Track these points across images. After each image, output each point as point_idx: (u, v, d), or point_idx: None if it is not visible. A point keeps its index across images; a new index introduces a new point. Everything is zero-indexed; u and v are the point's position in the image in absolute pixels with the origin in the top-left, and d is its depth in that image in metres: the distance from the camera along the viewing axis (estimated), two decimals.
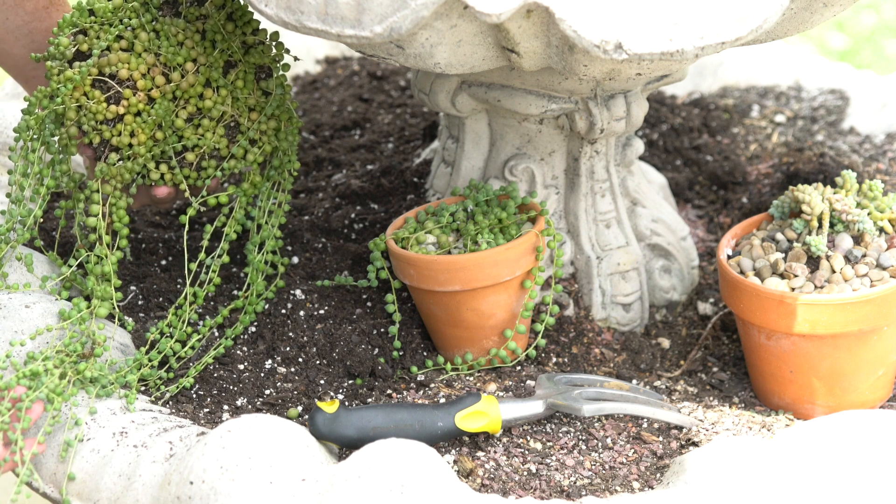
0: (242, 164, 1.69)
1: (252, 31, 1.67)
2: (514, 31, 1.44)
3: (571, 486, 1.49)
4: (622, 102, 1.71)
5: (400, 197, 1.94)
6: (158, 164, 1.67)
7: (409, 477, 1.32)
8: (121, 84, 1.63)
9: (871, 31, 3.94)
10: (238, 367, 1.65)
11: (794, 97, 2.31)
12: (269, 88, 1.69)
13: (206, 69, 1.64)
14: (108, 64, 1.63)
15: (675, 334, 1.82)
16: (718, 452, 1.40)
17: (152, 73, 1.63)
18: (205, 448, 1.38)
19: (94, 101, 1.62)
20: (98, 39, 1.64)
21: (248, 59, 1.67)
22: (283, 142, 1.72)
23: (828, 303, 1.58)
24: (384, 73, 2.36)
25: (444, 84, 1.75)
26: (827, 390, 1.64)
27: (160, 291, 1.77)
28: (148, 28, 1.64)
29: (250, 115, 1.68)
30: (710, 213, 2.02)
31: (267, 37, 1.69)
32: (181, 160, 1.67)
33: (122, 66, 1.62)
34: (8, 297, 1.63)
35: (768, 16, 1.42)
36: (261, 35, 1.68)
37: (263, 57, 1.68)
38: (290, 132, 1.72)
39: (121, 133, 1.63)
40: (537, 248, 1.66)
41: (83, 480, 1.45)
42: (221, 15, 1.65)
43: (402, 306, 1.74)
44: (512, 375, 1.66)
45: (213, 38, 1.65)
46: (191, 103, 1.65)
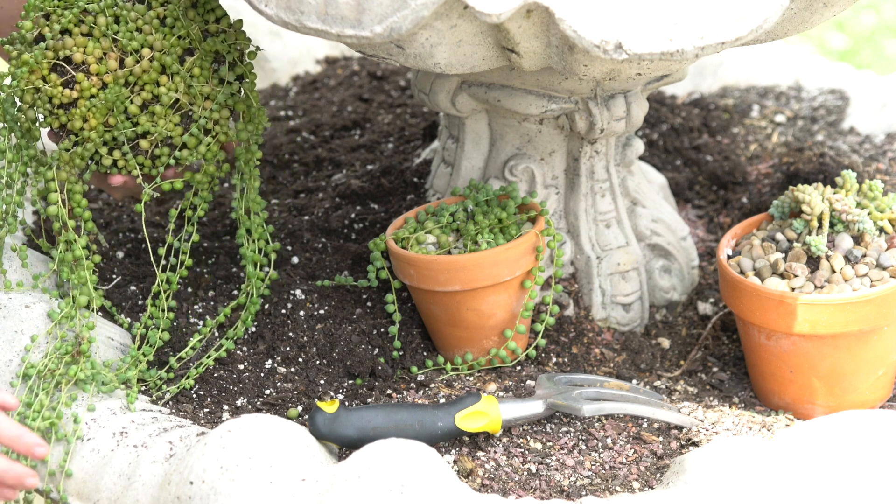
0: (195, 154, 1.65)
1: (215, 18, 1.64)
2: (514, 31, 1.44)
3: (571, 486, 1.49)
4: (622, 102, 1.71)
5: (400, 197, 1.94)
6: (112, 150, 1.64)
7: (409, 477, 1.32)
8: (76, 68, 1.61)
9: (871, 31, 3.94)
10: (238, 367, 1.65)
11: (794, 97, 2.31)
12: (224, 76, 1.65)
13: (161, 55, 1.61)
14: (63, 47, 1.60)
15: (675, 334, 1.82)
16: (718, 452, 1.40)
17: (108, 58, 1.60)
18: (205, 448, 1.38)
19: (51, 84, 1.61)
20: (57, 23, 1.62)
21: (206, 47, 1.64)
22: (243, 132, 1.67)
23: (828, 303, 1.58)
24: (384, 73, 2.36)
25: (444, 84, 1.75)
26: (827, 390, 1.64)
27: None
28: (108, 13, 1.61)
29: (204, 103, 1.65)
30: (710, 213, 2.02)
31: (230, 24, 1.66)
32: (135, 147, 1.64)
33: (77, 50, 1.60)
34: (8, 297, 1.63)
35: (768, 16, 1.42)
36: (223, 23, 1.65)
37: (222, 44, 1.64)
38: (251, 123, 1.68)
39: (74, 118, 1.61)
40: (537, 248, 1.66)
41: (83, 480, 1.45)
42: (185, 1, 1.62)
43: (402, 306, 1.74)
44: (512, 375, 1.66)
45: (172, 25, 1.63)
46: (146, 90, 1.62)
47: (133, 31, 1.61)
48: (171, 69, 1.62)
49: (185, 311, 1.74)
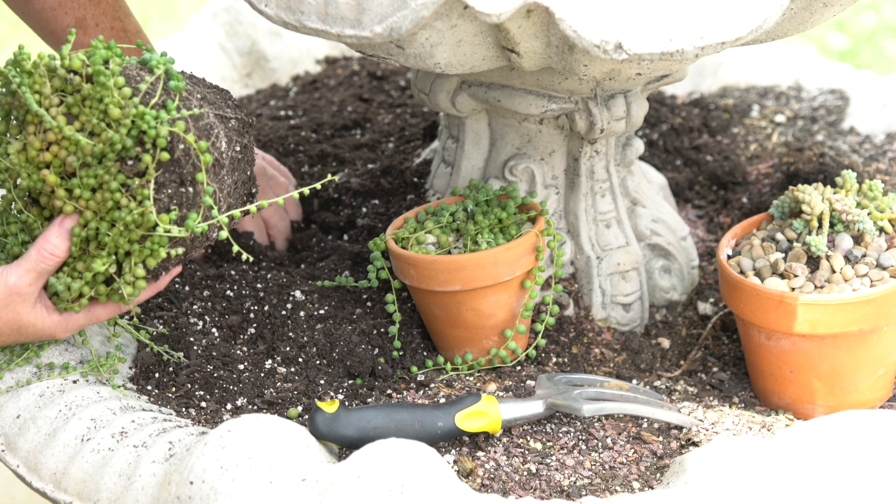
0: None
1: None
2: (514, 31, 1.44)
3: (571, 486, 1.49)
4: (622, 102, 1.71)
5: (400, 197, 1.94)
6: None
7: (409, 477, 1.32)
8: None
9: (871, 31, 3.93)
10: (238, 367, 1.65)
11: (794, 97, 2.31)
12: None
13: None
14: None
15: (675, 334, 1.82)
16: (718, 452, 1.40)
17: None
18: (205, 448, 1.38)
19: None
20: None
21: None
22: None
23: (828, 303, 1.58)
24: (384, 73, 2.36)
25: (444, 84, 1.75)
26: (827, 390, 1.64)
27: (160, 292, 1.76)
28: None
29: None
30: (710, 213, 2.02)
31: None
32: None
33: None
34: None
35: (768, 16, 1.42)
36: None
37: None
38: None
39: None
40: (537, 248, 1.66)
41: (83, 480, 1.45)
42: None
43: (402, 306, 1.74)
44: (512, 375, 1.66)
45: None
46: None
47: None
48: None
49: (184, 311, 1.74)
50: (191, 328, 1.71)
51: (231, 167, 1.54)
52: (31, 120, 1.49)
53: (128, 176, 1.47)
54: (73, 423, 1.49)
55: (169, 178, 1.48)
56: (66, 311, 1.53)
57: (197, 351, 1.67)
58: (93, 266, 1.49)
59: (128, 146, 1.46)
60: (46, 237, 1.49)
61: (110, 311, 1.56)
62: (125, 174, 1.47)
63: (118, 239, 1.48)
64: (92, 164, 1.47)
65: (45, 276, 1.51)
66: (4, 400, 1.53)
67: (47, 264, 1.50)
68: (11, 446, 1.51)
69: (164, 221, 1.47)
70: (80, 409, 1.50)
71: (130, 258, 1.50)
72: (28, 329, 1.52)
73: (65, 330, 1.54)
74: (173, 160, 1.48)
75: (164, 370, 1.64)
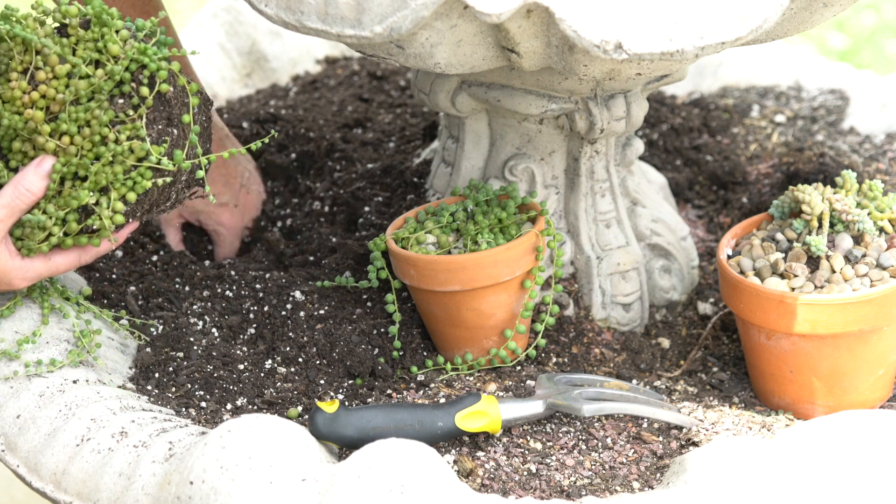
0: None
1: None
2: (514, 31, 1.44)
3: (571, 486, 1.49)
4: (622, 102, 1.71)
5: (400, 197, 1.94)
6: None
7: (409, 477, 1.32)
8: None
9: (871, 31, 3.93)
10: (238, 367, 1.65)
11: (794, 97, 2.31)
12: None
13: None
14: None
15: (675, 334, 1.82)
16: (718, 452, 1.40)
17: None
18: (205, 448, 1.38)
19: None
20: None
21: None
22: None
23: (828, 303, 1.58)
24: (384, 73, 2.36)
25: (444, 84, 1.75)
26: (827, 390, 1.64)
27: (159, 291, 1.77)
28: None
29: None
30: (710, 213, 2.02)
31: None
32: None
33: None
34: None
35: (768, 16, 1.42)
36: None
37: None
38: None
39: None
40: (537, 248, 1.66)
41: (83, 480, 1.45)
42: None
43: (402, 306, 1.74)
44: (512, 375, 1.66)
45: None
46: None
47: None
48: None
49: (184, 311, 1.74)
50: (191, 328, 1.71)
51: (201, 132, 1.61)
52: (14, 67, 1.54)
53: (117, 112, 1.53)
54: (73, 422, 1.49)
55: (158, 116, 1.55)
56: (27, 257, 1.55)
57: (197, 351, 1.67)
58: (78, 196, 1.53)
59: (126, 80, 1.53)
60: (23, 175, 1.52)
61: (70, 261, 1.58)
62: (115, 110, 1.53)
63: (103, 171, 1.53)
64: (82, 101, 1.53)
65: (17, 215, 1.53)
66: (4, 400, 1.53)
67: (22, 202, 1.52)
68: (11, 446, 1.51)
69: (155, 151, 1.54)
70: (80, 408, 1.50)
71: (110, 193, 1.55)
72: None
73: (23, 278, 1.56)
74: (164, 99, 1.56)
75: (164, 370, 1.64)
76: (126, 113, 1.54)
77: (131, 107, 1.54)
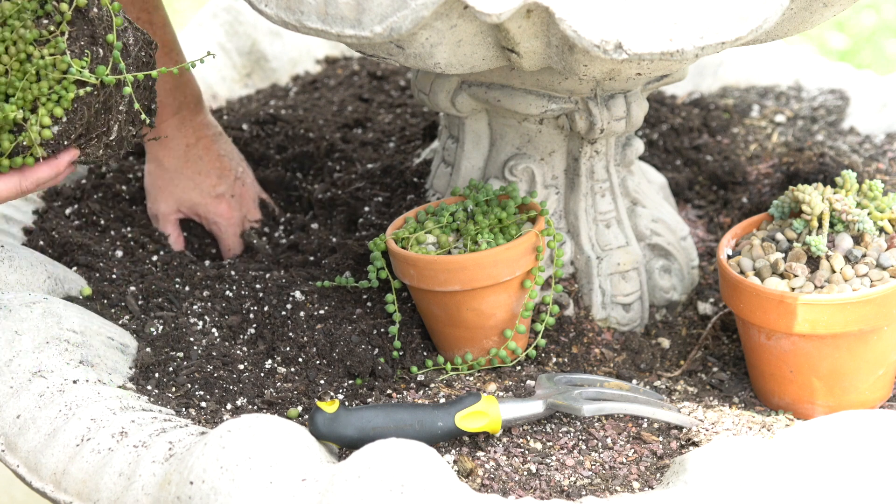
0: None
1: None
2: (514, 31, 1.44)
3: (571, 486, 1.49)
4: (622, 102, 1.71)
5: (400, 197, 1.94)
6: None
7: (409, 477, 1.32)
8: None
9: (871, 31, 3.93)
10: (238, 367, 1.65)
11: (794, 97, 2.31)
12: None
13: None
14: None
15: (675, 334, 1.82)
16: (718, 452, 1.40)
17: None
18: (205, 448, 1.38)
19: None
20: None
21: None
22: None
23: (828, 303, 1.58)
24: (384, 73, 2.36)
25: (444, 84, 1.75)
26: (827, 390, 1.64)
27: (159, 292, 1.77)
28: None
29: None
30: (710, 213, 2.02)
31: None
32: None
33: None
34: (8, 296, 1.63)
35: (768, 16, 1.42)
36: None
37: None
38: None
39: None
40: (537, 248, 1.66)
41: (83, 480, 1.45)
42: None
43: (402, 306, 1.74)
44: (512, 375, 1.66)
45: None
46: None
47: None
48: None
49: (184, 311, 1.74)
50: (191, 328, 1.71)
51: (135, 64, 1.63)
52: None
53: (41, 31, 1.57)
54: (73, 422, 1.49)
55: (80, 34, 1.59)
56: None
57: (197, 351, 1.67)
58: (5, 112, 1.54)
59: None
60: None
61: (10, 186, 1.57)
62: (39, 29, 1.57)
63: (29, 87, 1.56)
64: (8, 22, 1.57)
65: None
66: (4, 400, 1.53)
67: None
68: (11, 446, 1.51)
69: (76, 64, 1.57)
70: (80, 408, 1.50)
71: (38, 110, 1.57)
72: None
73: None
74: (87, 19, 1.59)
75: (164, 370, 1.64)
76: (49, 30, 1.57)
77: (54, 24, 1.58)
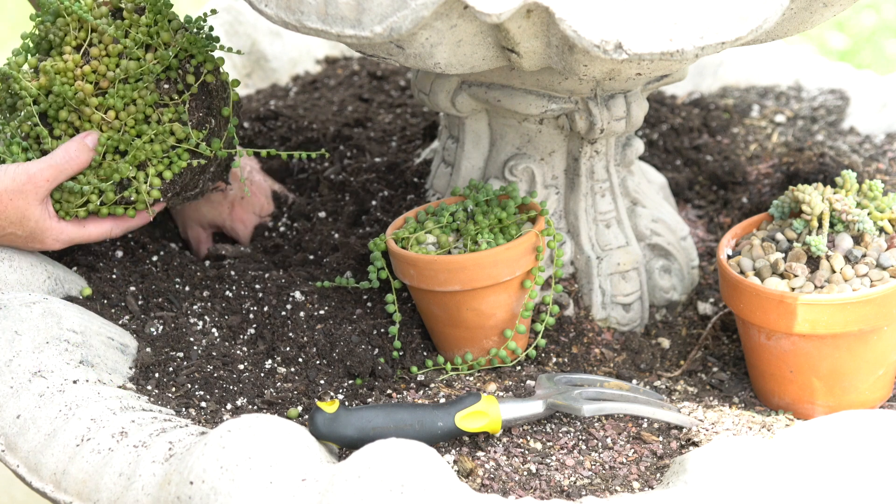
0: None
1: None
2: (514, 31, 1.44)
3: (571, 486, 1.49)
4: (622, 102, 1.71)
5: (400, 197, 1.94)
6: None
7: (409, 477, 1.32)
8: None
9: (871, 31, 3.93)
10: (238, 367, 1.65)
11: (794, 97, 2.31)
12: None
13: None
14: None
15: (675, 334, 1.82)
16: (718, 452, 1.40)
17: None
18: (205, 448, 1.38)
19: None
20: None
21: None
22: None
23: (828, 303, 1.58)
24: (384, 73, 2.36)
25: (444, 84, 1.75)
26: (827, 390, 1.64)
27: (159, 292, 1.77)
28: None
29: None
30: (710, 213, 2.02)
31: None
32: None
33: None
34: (8, 296, 1.63)
35: (768, 16, 1.42)
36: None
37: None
38: None
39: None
40: (537, 248, 1.66)
41: (83, 480, 1.45)
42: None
43: (402, 306, 1.74)
44: (512, 375, 1.66)
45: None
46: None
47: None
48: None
49: (184, 311, 1.74)
50: (191, 328, 1.71)
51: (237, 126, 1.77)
52: (68, 42, 1.68)
53: (161, 95, 1.68)
54: (73, 422, 1.49)
55: (200, 105, 1.70)
56: (63, 220, 1.69)
57: (197, 351, 1.67)
58: (119, 169, 1.67)
59: (173, 66, 1.68)
60: (72, 143, 1.66)
61: (102, 230, 1.72)
62: (160, 93, 1.68)
63: (144, 148, 1.67)
64: (131, 80, 1.67)
65: (62, 178, 1.66)
66: (4, 400, 1.53)
67: (69, 166, 1.66)
68: (11, 446, 1.51)
69: (195, 136, 1.69)
70: (80, 408, 1.50)
71: (147, 169, 1.69)
72: (29, 223, 1.65)
73: (56, 239, 1.68)
74: (207, 90, 1.71)
75: (164, 370, 1.64)
76: (171, 97, 1.68)
77: (176, 91, 1.68)
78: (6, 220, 1.64)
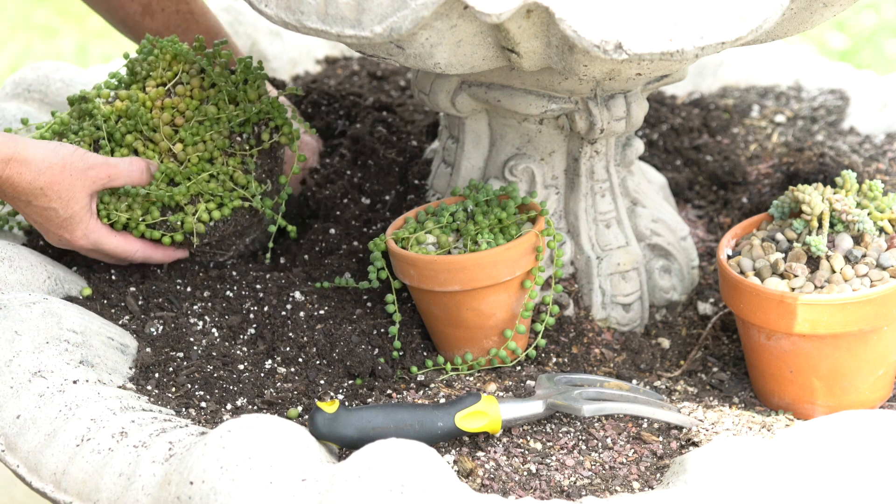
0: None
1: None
2: (514, 31, 1.44)
3: (571, 486, 1.49)
4: (622, 102, 1.71)
5: (400, 197, 1.94)
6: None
7: (409, 477, 1.32)
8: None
9: (871, 31, 3.94)
10: (238, 367, 1.65)
11: (794, 97, 2.31)
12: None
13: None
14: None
15: (675, 334, 1.82)
16: (718, 452, 1.40)
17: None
18: (205, 448, 1.38)
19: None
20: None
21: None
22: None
23: (828, 303, 1.58)
24: (384, 73, 2.36)
25: (444, 84, 1.75)
26: (827, 390, 1.64)
27: (160, 292, 1.77)
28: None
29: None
30: (710, 213, 2.02)
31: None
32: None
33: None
34: (8, 296, 1.63)
35: (768, 16, 1.42)
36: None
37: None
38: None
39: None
40: (537, 248, 1.66)
41: (83, 480, 1.45)
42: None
43: (402, 306, 1.74)
44: (512, 375, 1.66)
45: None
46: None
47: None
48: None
49: (184, 311, 1.74)
50: (191, 328, 1.71)
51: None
52: (156, 77, 1.77)
53: (232, 143, 1.76)
54: (73, 423, 1.49)
55: (263, 163, 1.78)
56: (99, 220, 1.71)
57: (197, 351, 1.67)
58: (173, 194, 1.72)
59: (252, 121, 1.77)
60: (136, 160, 1.71)
61: (128, 249, 1.72)
62: (231, 141, 1.76)
63: (202, 182, 1.73)
64: (205, 123, 1.75)
65: (113, 184, 1.70)
66: (4, 400, 1.53)
67: (126, 177, 1.70)
68: (11, 446, 1.51)
69: (255, 186, 1.76)
70: (80, 409, 1.50)
71: (198, 204, 1.74)
72: (74, 206, 1.66)
73: (85, 235, 1.69)
74: (274, 154, 1.80)
75: (164, 370, 1.64)
76: (242, 147, 1.76)
77: (247, 144, 1.77)
78: (55, 194, 1.64)
